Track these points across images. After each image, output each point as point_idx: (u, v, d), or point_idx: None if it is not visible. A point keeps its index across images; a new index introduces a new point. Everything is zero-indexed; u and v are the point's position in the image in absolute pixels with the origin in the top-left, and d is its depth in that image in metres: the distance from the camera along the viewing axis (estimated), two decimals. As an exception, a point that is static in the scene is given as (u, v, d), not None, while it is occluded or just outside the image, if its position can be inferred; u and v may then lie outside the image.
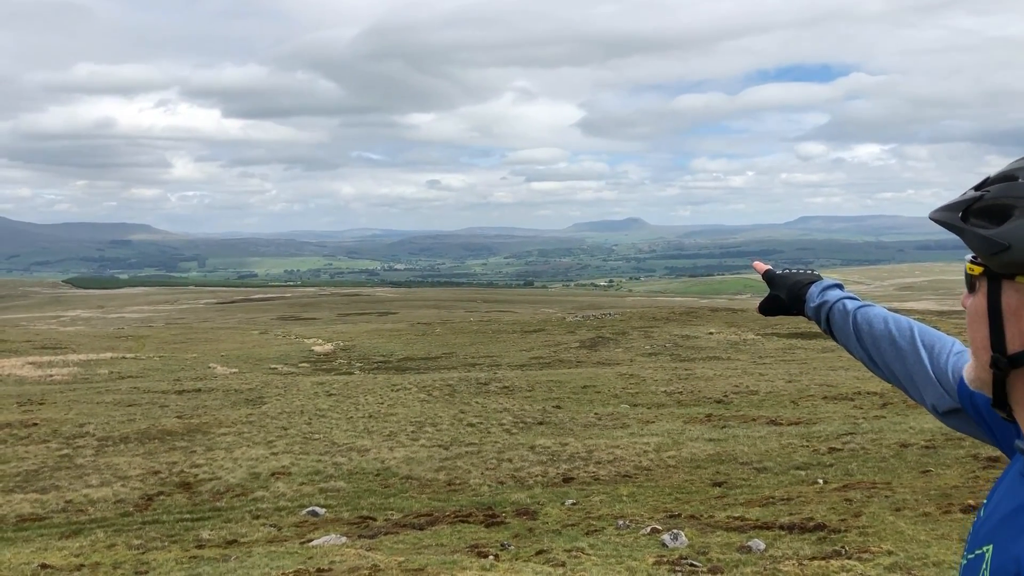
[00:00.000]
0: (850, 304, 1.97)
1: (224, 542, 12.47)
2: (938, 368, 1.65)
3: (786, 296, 2.15)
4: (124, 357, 54.95)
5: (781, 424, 21.43)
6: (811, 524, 10.89)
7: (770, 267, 2.25)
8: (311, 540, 11.88)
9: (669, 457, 17.29)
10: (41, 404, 30.24)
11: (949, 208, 1.35)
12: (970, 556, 1.35)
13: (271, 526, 13.46)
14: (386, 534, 12.23)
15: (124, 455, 19.38)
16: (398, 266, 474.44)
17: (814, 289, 2.09)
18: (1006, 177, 1.30)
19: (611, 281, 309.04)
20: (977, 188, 1.35)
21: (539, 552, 10.30)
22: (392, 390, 30.53)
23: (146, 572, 10.40)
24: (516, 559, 9.99)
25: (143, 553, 11.92)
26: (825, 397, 25.97)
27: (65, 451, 19.85)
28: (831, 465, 15.65)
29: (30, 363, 51.84)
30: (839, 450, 16.82)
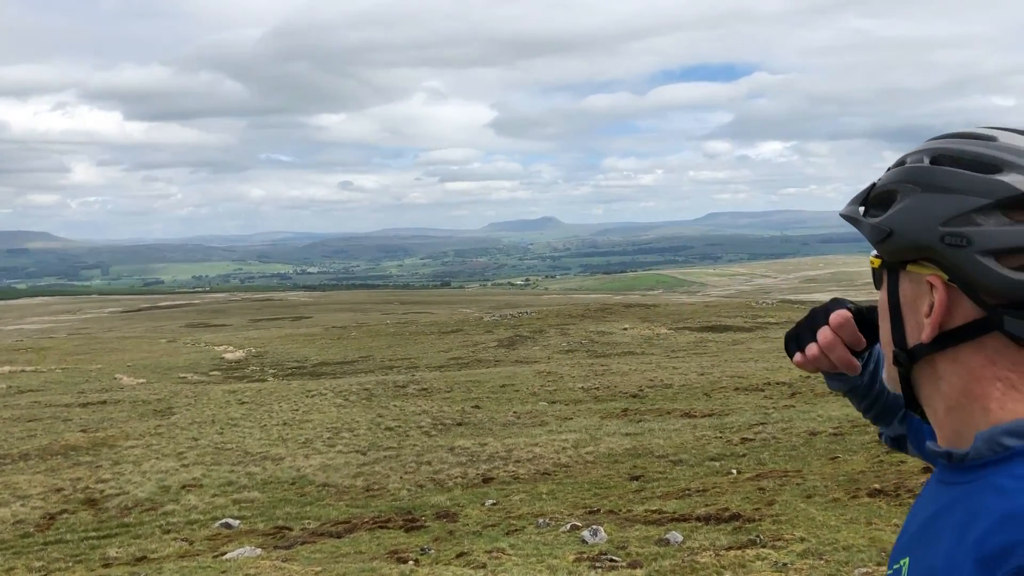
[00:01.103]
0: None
1: (133, 559, 12.01)
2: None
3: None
4: (23, 370, 52.58)
5: (695, 416, 21.85)
6: (726, 514, 11.10)
7: (851, 306, 1.46)
8: (225, 553, 11.54)
9: (587, 453, 17.42)
10: (-68, 423, 28.67)
11: (852, 202, 1.29)
12: (889, 572, 1.26)
13: (183, 540, 13.03)
14: (303, 544, 11.96)
15: (24, 473, 18.51)
16: (311, 269, 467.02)
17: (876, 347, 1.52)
18: (897, 163, 1.25)
19: (527, 280, 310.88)
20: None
21: (459, 555, 10.22)
22: (307, 396, 29.98)
23: (48, 596, 9.92)
24: (436, 563, 9.89)
25: (45, 575, 11.39)
26: (736, 388, 26.59)
27: (-41, 472, 18.84)
28: (744, 455, 16.01)
29: (-81, 380, 49.15)
30: (751, 440, 17.23)
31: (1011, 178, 1.11)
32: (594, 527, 10.92)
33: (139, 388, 41.17)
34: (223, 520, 14.08)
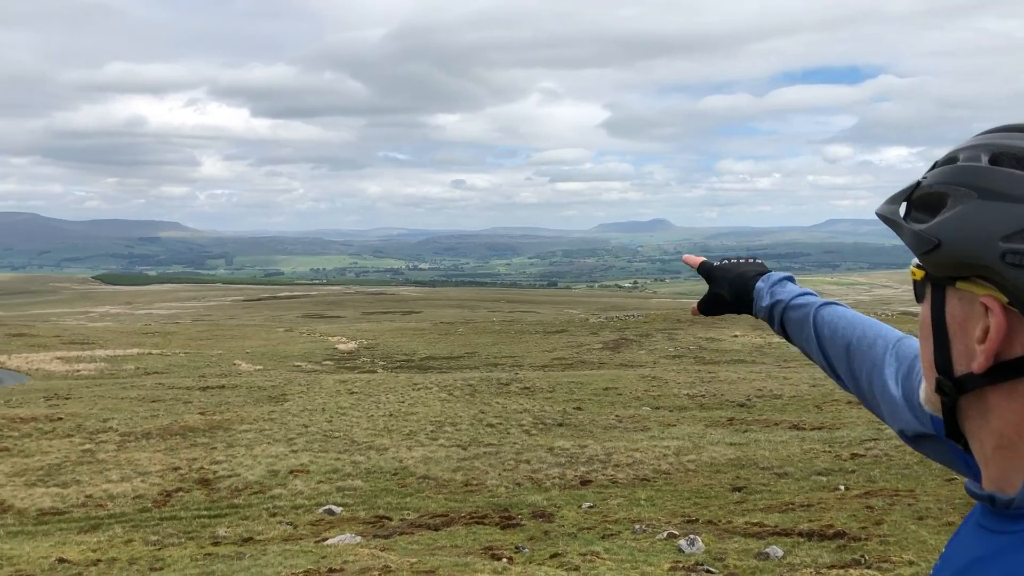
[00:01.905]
0: (810, 303, 1.63)
1: (240, 539, 12.50)
2: (908, 385, 1.33)
3: (729, 293, 1.80)
4: (150, 353, 55.52)
5: (804, 429, 21.19)
6: (831, 531, 10.72)
7: (704, 259, 1.88)
8: (326, 539, 11.87)
9: (689, 461, 17.13)
10: (67, 399, 30.59)
11: (891, 200, 1.09)
12: None
13: (287, 524, 13.47)
14: (401, 534, 12.19)
15: (145, 451, 19.52)
16: (422, 265, 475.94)
17: (762, 286, 1.74)
18: (948, 160, 1.05)
19: (636, 282, 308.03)
20: (927, 173, 1.08)
21: (553, 555, 10.21)
22: (413, 389, 30.57)
23: (161, 568, 10.43)
24: (530, 562, 9.90)
25: (159, 549, 11.97)
26: (849, 402, 25.63)
27: (88, 446, 20.03)
28: (853, 471, 15.42)
29: (58, 358, 52.50)
30: (862, 456, 16.58)
31: None
32: (692, 536, 10.73)
33: (256, 374, 42.86)
34: (326, 506, 14.49)
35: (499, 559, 10.01)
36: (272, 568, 9.55)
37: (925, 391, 1.11)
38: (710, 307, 1.87)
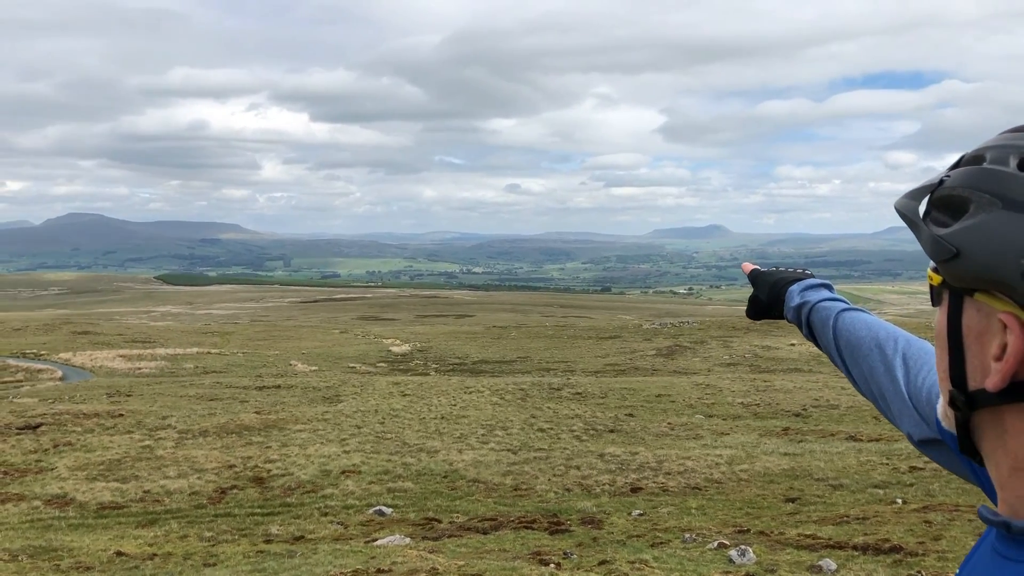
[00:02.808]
0: (833, 307, 1.63)
1: (292, 538, 12.67)
2: (914, 387, 1.30)
3: (766, 296, 1.81)
4: (209, 352, 56.68)
5: (861, 440, 20.74)
6: (887, 546, 10.47)
7: (756, 266, 1.92)
8: (376, 539, 11.97)
9: (742, 470, 16.89)
10: (128, 396, 31.37)
11: (911, 196, 1.02)
12: None
13: (338, 524, 13.62)
14: (450, 536, 12.23)
15: (202, 448, 19.91)
16: (476, 269, 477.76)
17: (794, 288, 1.75)
18: (973, 159, 0.97)
19: (691, 289, 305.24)
20: (949, 170, 1.01)
21: (602, 562, 10.15)
22: (465, 392, 30.68)
23: (215, 564, 10.62)
24: (578, 568, 9.86)
25: (213, 545, 12.19)
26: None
27: (147, 442, 20.51)
28: (911, 485, 15.04)
29: (121, 356, 53.92)
30: (921, 469, 16.16)
31: None
32: (743, 547, 10.57)
33: (311, 375, 43.45)
34: (377, 507, 14.61)
35: (547, 564, 9.98)
36: (322, 567, 9.66)
37: (942, 403, 1.06)
38: (751, 310, 1.91)
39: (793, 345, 53.67)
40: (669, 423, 24.17)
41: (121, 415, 24.49)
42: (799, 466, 17.11)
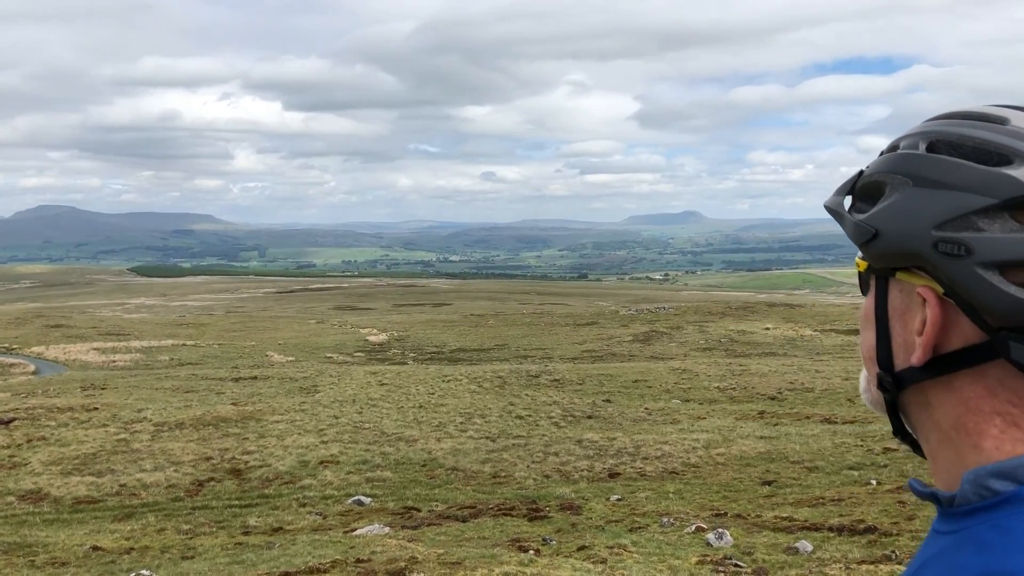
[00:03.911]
0: None
1: (270, 529, 12.63)
2: None
3: None
4: (184, 344, 56.23)
5: (835, 422, 20.97)
6: (862, 526, 10.60)
7: None
8: (355, 529, 11.96)
9: (718, 454, 17.03)
10: (103, 389, 31.06)
11: (838, 191, 1.06)
12: None
13: (317, 514, 13.59)
14: (429, 525, 12.24)
15: (179, 441, 19.78)
16: (453, 257, 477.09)
17: None
18: (890, 148, 1.02)
19: (667, 275, 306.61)
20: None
21: (581, 548, 10.20)
22: (443, 381, 30.67)
23: (192, 557, 10.56)
24: (557, 554, 9.90)
25: (191, 538, 12.13)
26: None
27: (122, 436, 20.33)
28: (885, 466, 15.25)
29: (95, 349, 53.37)
30: (894, 450, 16.37)
31: (1022, 172, 0.89)
32: (720, 530, 10.66)
33: (288, 366, 43.24)
34: (356, 497, 14.60)
35: (526, 551, 10.02)
36: (301, 558, 9.63)
37: (868, 391, 1.06)
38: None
39: (768, 329, 54.13)
40: (646, 408, 24.30)
41: (96, 408, 24.26)
42: (775, 449, 17.28)
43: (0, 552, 11.43)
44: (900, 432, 1.03)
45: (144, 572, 9.10)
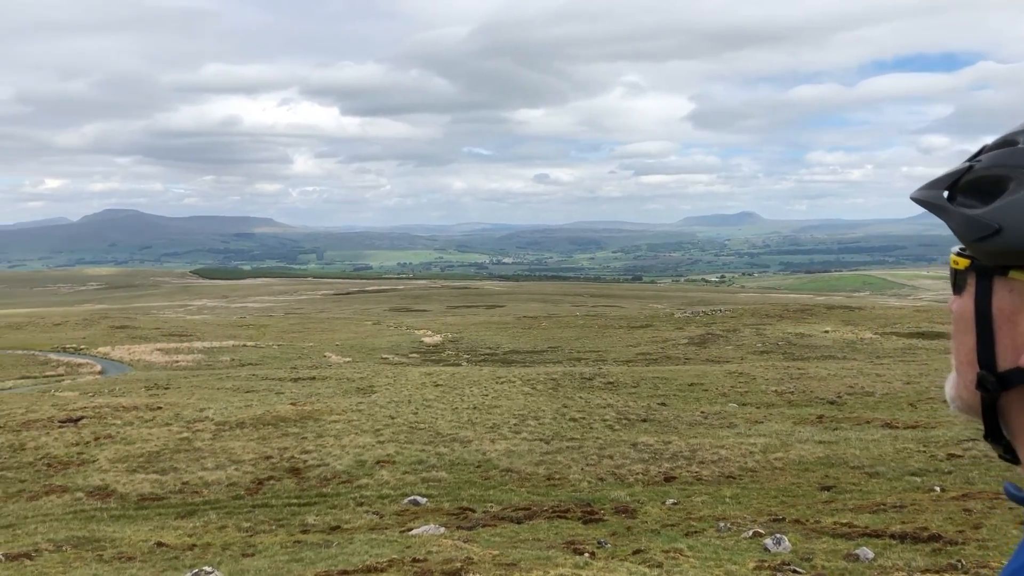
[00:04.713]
0: None
1: (328, 528, 12.81)
2: None
3: None
4: (245, 345, 57.31)
5: (897, 427, 20.52)
6: (925, 534, 10.37)
7: None
8: (411, 529, 12.07)
9: (776, 459, 16.79)
10: (166, 389, 31.83)
11: (933, 185, 1.05)
12: None
13: (374, 514, 13.74)
14: (484, 526, 12.30)
15: (239, 440, 20.16)
16: (506, 260, 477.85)
17: None
18: (1004, 143, 1.00)
19: (723, 276, 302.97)
20: (971, 159, 1.04)
21: (636, 551, 10.15)
22: (497, 382, 30.76)
23: (252, 555, 10.77)
24: (612, 558, 9.87)
25: (251, 536, 12.37)
26: (945, 400, 24.72)
27: (185, 434, 20.81)
28: (950, 472, 14.87)
29: (158, 349, 54.69)
30: (959, 456, 15.97)
31: None
32: (778, 536, 10.53)
33: (345, 366, 43.80)
34: (411, 497, 14.73)
35: (581, 553, 10.01)
36: (358, 557, 9.76)
37: (955, 387, 1.07)
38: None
39: (827, 332, 53.17)
40: (702, 412, 24.06)
41: (159, 408, 24.87)
42: (834, 454, 16.98)
43: (70, 546, 11.80)
44: (993, 435, 1.03)
45: (206, 568, 9.31)
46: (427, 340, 59.72)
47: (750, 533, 11.06)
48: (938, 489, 13.65)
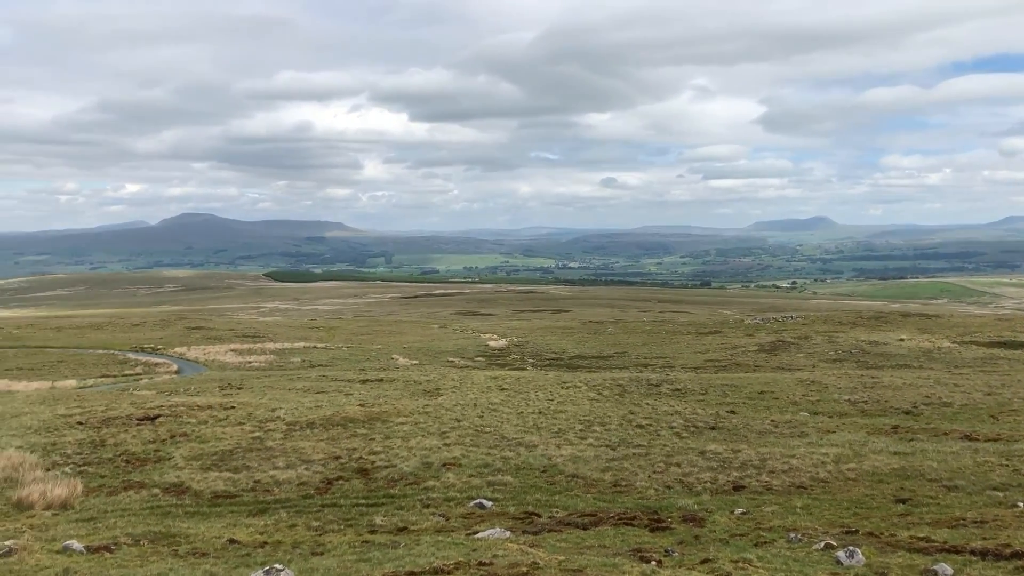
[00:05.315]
0: None
1: (395, 528, 12.94)
2: None
3: None
4: (315, 347, 58.33)
5: (977, 440, 19.84)
6: (1008, 551, 10.00)
7: None
8: (477, 532, 12.11)
9: (849, 469, 16.39)
10: (239, 389, 32.60)
11: None
12: None
13: (440, 516, 13.83)
14: (549, 531, 12.27)
15: (309, 440, 20.52)
16: (572, 264, 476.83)
17: None
18: None
19: (794, 283, 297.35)
20: None
21: (704, 561, 10.01)
22: (562, 387, 30.71)
23: (321, 553, 10.94)
24: (679, 566, 9.75)
25: (320, 535, 12.56)
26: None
27: (257, 434, 21.26)
28: (1034, 488, 14.32)
29: (232, 350, 56.03)
30: (1044, 472, 15.37)
31: None
32: (851, 548, 10.27)
33: (412, 369, 44.24)
34: (477, 500, 14.78)
35: (648, 561, 9.91)
36: (425, 558, 9.83)
37: None
38: None
39: (902, 340, 51.74)
40: (772, 420, 23.64)
41: (233, 407, 25.46)
42: (910, 466, 16.50)
43: (147, 540, 12.16)
44: None
45: (277, 566, 9.49)
46: (492, 344, 59.94)
47: (822, 545, 10.81)
48: (1021, 505, 13.16)
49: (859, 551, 10.15)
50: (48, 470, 17.39)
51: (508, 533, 12.01)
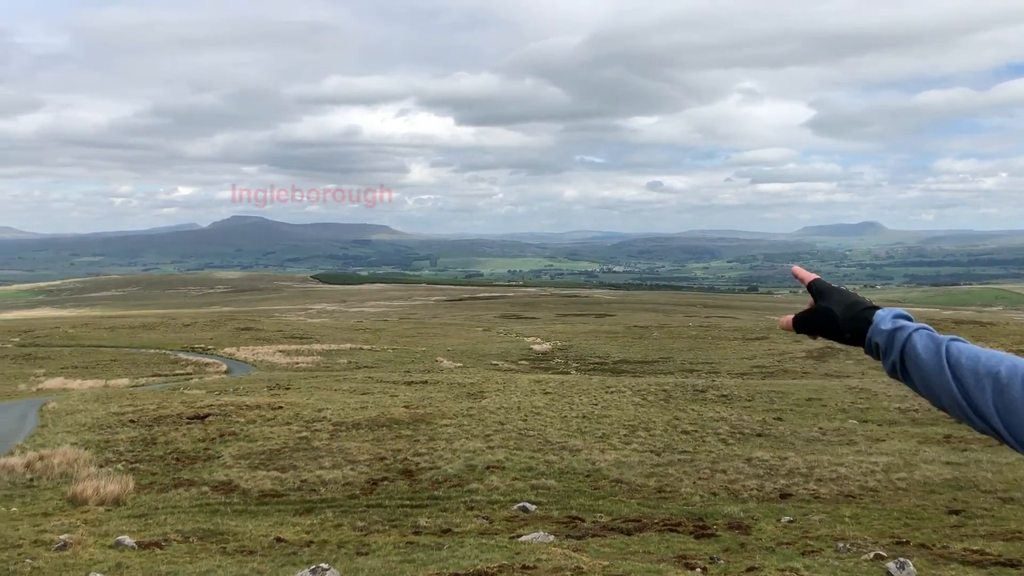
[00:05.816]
0: (936, 334, 1.58)
1: (439, 530, 12.99)
2: None
3: (842, 313, 1.74)
4: (361, 348, 58.90)
5: (1034, 451, 19.33)
6: (1065, 566, 9.73)
7: (819, 276, 1.86)
8: (520, 536, 12.11)
9: (899, 479, 16.08)
10: (287, 389, 33.03)
11: None
12: None
13: (483, 518, 13.85)
14: (593, 536, 12.24)
15: (355, 440, 20.70)
16: (617, 268, 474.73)
17: (884, 313, 1.70)
18: None
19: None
20: None
21: (750, 569, 9.90)
22: (606, 392, 30.59)
23: (366, 553, 11.03)
24: (725, 574, 9.66)
25: (365, 535, 12.67)
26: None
27: (304, 434, 21.51)
28: (1094, 501, 13.91)
29: (280, 351, 56.81)
30: (1105, 485, 14.93)
31: None
32: (901, 560, 10.07)
33: (456, 371, 44.43)
34: (521, 503, 14.78)
35: (693, 568, 9.84)
36: (468, 560, 9.86)
37: None
38: (809, 323, 1.79)
39: (956, 348, 50.65)
40: (820, 428, 23.28)
41: (280, 407, 25.80)
42: (963, 476, 16.14)
43: (196, 537, 12.37)
44: None
45: (323, 565, 9.58)
46: (536, 347, 59.94)
47: (871, 555, 10.62)
48: (1080, 518, 12.79)
49: (910, 562, 9.95)
50: (101, 467, 17.79)
51: (551, 537, 11.99)
